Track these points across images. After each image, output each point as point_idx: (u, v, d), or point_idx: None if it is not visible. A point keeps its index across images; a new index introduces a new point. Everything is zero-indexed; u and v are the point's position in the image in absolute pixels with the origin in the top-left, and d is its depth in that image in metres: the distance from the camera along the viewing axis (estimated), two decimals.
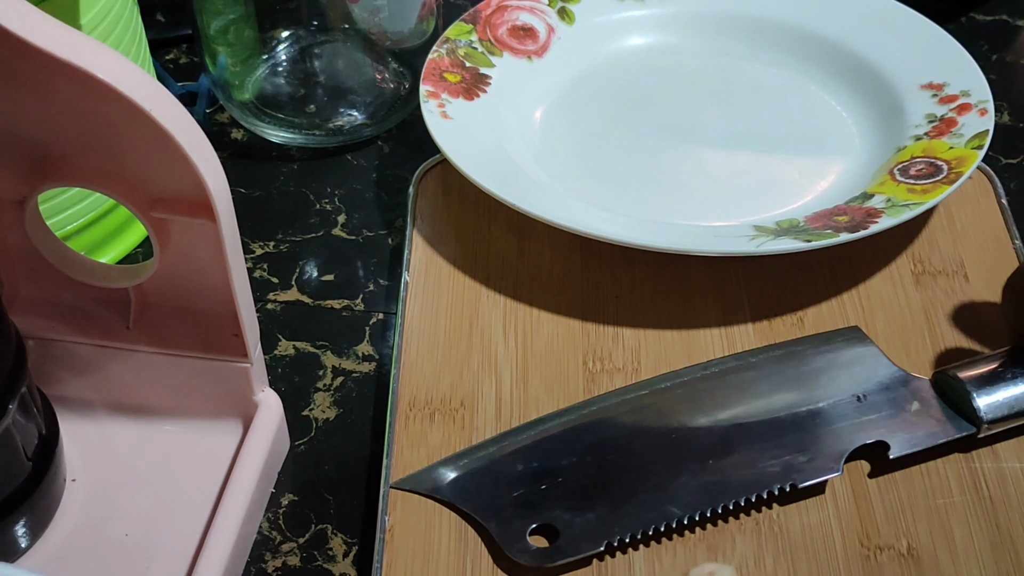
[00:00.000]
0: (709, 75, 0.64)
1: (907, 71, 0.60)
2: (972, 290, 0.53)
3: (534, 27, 0.64)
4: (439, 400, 0.50)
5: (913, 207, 0.52)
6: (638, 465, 0.46)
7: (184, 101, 0.63)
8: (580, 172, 0.59)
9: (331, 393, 0.52)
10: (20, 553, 0.44)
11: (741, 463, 0.46)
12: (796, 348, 0.50)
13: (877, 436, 0.46)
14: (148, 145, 0.39)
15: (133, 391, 0.48)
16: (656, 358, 0.51)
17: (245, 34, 0.63)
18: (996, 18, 0.71)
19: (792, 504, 0.46)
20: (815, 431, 0.46)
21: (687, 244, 0.52)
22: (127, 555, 0.44)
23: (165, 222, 0.43)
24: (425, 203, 0.58)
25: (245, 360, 0.46)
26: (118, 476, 0.47)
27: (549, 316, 0.53)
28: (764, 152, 0.60)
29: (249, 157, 0.63)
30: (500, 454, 0.46)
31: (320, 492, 0.49)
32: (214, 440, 0.48)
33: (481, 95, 0.60)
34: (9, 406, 0.40)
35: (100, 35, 0.51)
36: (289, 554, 0.47)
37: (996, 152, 0.62)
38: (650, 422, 0.47)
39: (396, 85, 0.65)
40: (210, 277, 0.45)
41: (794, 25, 0.64)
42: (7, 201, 0.44)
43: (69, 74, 0.36)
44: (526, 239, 0.56)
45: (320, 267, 0.57)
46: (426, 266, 0.55)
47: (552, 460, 0.46)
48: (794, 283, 0.54)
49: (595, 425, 0.47)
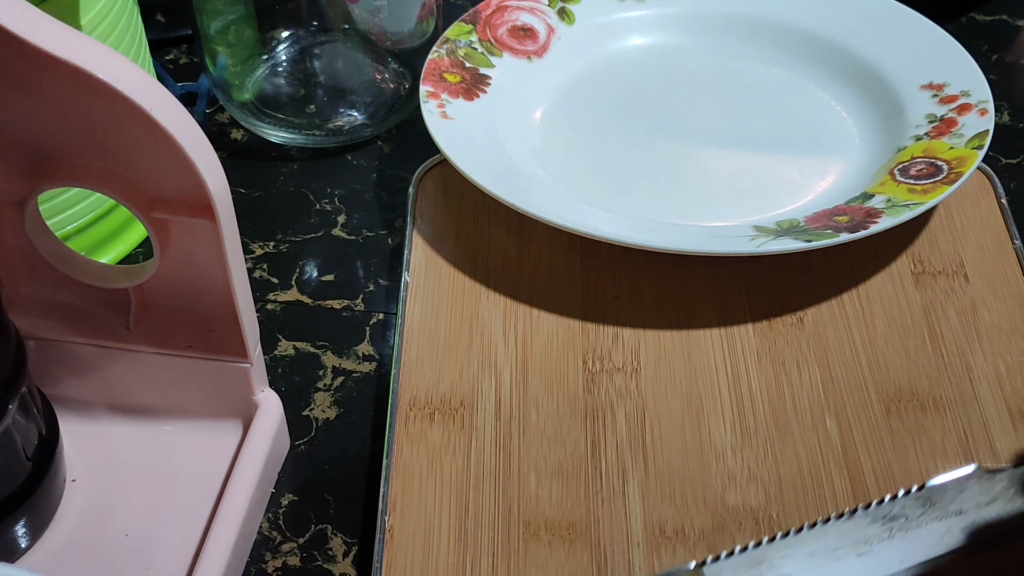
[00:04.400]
0: (709, 75, 0.64)
1: (907, 71, 0.60)
2: (972, 290, 0.53)
3: (534, 27, 0.64)
4: (439, 400, 0.50)
5: (913, 207, 0.52)
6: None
7: (184, 101, 0.63)
8: (580, 172, 0.59)
9: (331, 393, 0.52)
10: (20, 553, 0.44)
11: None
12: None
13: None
14: (148, 145, 0.39)
15: (133, 391, 0.48)
16: (656, 358, 0.51)
17: (245, 34, 0.63)
18: (996, 18, 0.71)
19: (792, 504, 0.46)
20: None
21: (687, 244, 0.52)
22: (127, 555, 0.44)
23: (165, 222, 0.43)
24: (425, 203, 0.58)
25: (245, 360, 0.46)
26: (118, 476, 0.47)
27: (549, 316, 0.53)
28: (764, 152, 0.60)
29: (249, 157, 0.63)
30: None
31: (320, 492, 0.49)
32: (214, 440, 0.48)
33: (481, 95, 0.60)
34: (9, 406, 0.40)
35: (100, 35, 0.51)
36: (289, 554, 0.47)
37: (996, 152, 0.62)
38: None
39: (396, 85, 0.65)
40: (210, 277, 0.45)
41: (794, 25, 0.64)
42: (7, 201, 0.44)
43: (69, 74, 0.36)
44: (526, 239, 0.56)
45: (320, 267, 0.57)
46: (426, 266, 0.55)
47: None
48: (794, 283, 0.54)
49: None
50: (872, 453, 0.47)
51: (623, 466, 0.47)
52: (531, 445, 0.48)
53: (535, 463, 0.47)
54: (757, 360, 0.51)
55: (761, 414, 0.49)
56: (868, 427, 0.48)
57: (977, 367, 0.50)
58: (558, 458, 0.48)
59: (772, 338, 0.52)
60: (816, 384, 0.50)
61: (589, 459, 0.48)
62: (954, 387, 0.50)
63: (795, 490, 0.46)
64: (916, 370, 0.50)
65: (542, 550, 0.45)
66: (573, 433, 0.48)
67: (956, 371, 0.50)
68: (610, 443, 0.48)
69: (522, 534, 0.45)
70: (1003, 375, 0.50)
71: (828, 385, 0.50)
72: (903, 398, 0.49)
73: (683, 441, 0.48)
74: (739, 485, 0.47)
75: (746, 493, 0.46)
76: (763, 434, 0.48)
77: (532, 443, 0.48)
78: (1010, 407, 0.49)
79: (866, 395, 0.50)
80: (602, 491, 0.47)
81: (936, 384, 0.50)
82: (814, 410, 0.49)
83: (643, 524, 0.45)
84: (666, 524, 0.45)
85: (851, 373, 0.50)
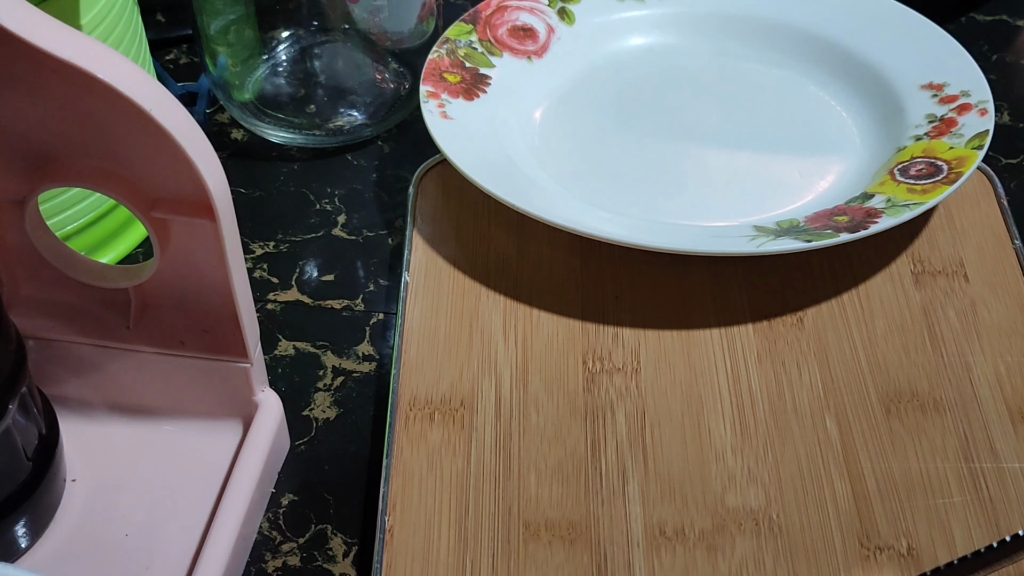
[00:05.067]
0: (709, 75, 0.64)
1: (907, 71, 0.60)
2: (972, 290, 0.53)
3: (534, 27, 0.64)
4: (439, 400, 0.50)
5: (913, 207, 0.52)
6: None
7: (184, 101, 0.63)
8: (580, 172, 0.59)
9: (331, 393, 0.52)
10: (20, 553, 0.44)
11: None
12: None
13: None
14: (148, 145, 0.39)
15: (133, 391, 0.48)
16: (656, 358, 0.51)
17: (245, 34, 0.63)
18: (996, 18, 0.71)
19: (792, 504, 0.46)
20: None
21: (687, 244, 0.52)
22: (127, 555, 0.44)
23: (165, 222, 0.43)
24: (425, 203, 0.58)
25: (245, 360, 0.46)
26: (118, 476, 0.47)
27: (549, 316, 0.53)
28: (764, 152, 0.60)
29: (249, 157, 0.63)
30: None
31: (320, 492, 0.49)
32: (214, 440, 0.48)
33: (481, 95, 0.60)
34: (9, 406, 0.40)
35: (100, 35, 0.51)
36: (289, 554, 0.47)
37: (996, 152, 0.62)
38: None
39: (396, 85, 0.65)
40: (210, 277, 0.45)
41: (794, 25, 0.64)
42: (7, 201, 0.44)
43: (69, 74, 0.36)
44: (526, 239, 0.56)
45: (320, 267, 0.57)
46: (426, 266, 0.55)
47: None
48: (794, 283, 0.54)
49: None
50: (872, 453, 0.47)
51: (623, 466, 0.47)
52: (531, 445, 0.48)
53: (535, 463, 0.47)
54: (757, 360, 0.51)
55: (761, 414, 0.49)
56: (868, 427, 0.48)
57: (977, 367, 0.50)
58: (558, 458, 0.48)
59: (772, 338, 0.52)
60: (816, 384, 0.50)
61: (589, 459, 0.48)
62: (954, 387, 0.50)
63: (795, 490, 0.46)
64: (916, 370, 0.50)
65: (542, 550, 0.45)
66: (573, 433, 0.48)
67: (956, 371, 0.50)
68: (610, 443, 0.48)
69: (522, 534, 0.45)
70: (1003, 375, 0.50)
71: (828, 385, 0.50)
72: (903, 398, 0.49)
73: (683, 441, 0.48)
74: (739, 485, 0.47)
75: (746, 493, 0.46)
76: (763, 434, 0.48)
77: (532, 443, 0.48)
78: (1010, 407, 0.49)
79: (866, 395, 0.50)
80: (602, 491, 0.47)
81: (936, 384, 0.50)
82: (814, 410, 0.49)
83: (643, 524, 0.45)
84: (666, 524, 0.45)
85: (851, 373, 0.50)
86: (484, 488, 0.47)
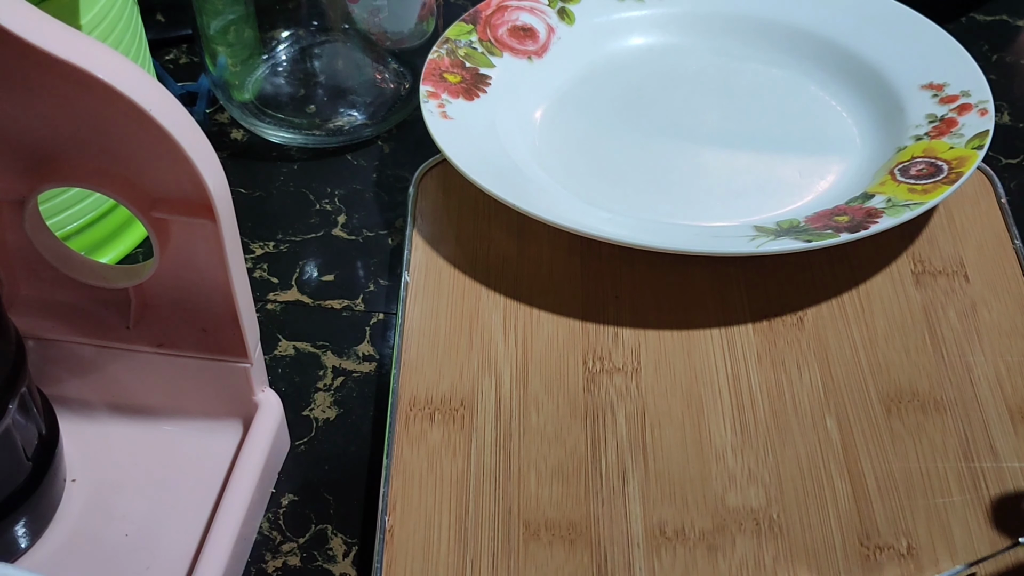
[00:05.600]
0: (709, 75, 0.64)
1: (907, 71, 0.60)
2: (972, 290, 0.53)
3: (534, 27, 0.64)
4: (439, 400, 0.50)
5: (913, 207, 0.52)
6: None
7: (184, 101, 0.63)
8: (580, 172, 0.59)
9: (331, 393, 0.52)
10: (20, 553, 0.44)
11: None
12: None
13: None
14: (148, 145, 0.39)
15: (133, 391, 0.48)
16: (656, 358, 0.51)
17: (245, 34, 0.63)
18: (996, 18, 0.71)
19: (792, 504, 0.46)
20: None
21: (687, 244, 0.52)
22: (127, 555, 0.44)
23: (165, 222, 0.43)
24: (425, 203, 0.58)
25: (245, 360, 0.46)
26: (118, 476, 0.47)
27: (549, 316, 0.53)
28: (764, 152, 0.60)
29: (249, 157, 0.63)
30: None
31: (320, 492, 0.49)
32: (214, 440, 0.48)
33: (481, 95, 0.60)
34: (9, 406, 0.40)
35: (100, 35, 0.51)
36: (289, 554, 0.47)
37: (996, 152, 0.62)
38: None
39: (396, 85, 0.65)
40: (210, 277, 0.45)
41: (794, 25, 0.64)
42: (7, 201, 0.44)
43: (69, 74, 0.36)
44: (526, 239, 0.56)
45: (320, 267, 0.57)
46: (426, 266, 0.55)
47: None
48: (794, 283, 0.54)
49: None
50: (872, 453, 0.47)
51: (623, 466, 0.47)
52: (531, 445, 0.48)
53: (535, 463, 0.47)
54: (757, 360, 0.51)
55: (761, 414, 0.49)
56: (868, 427, 0.48)
57: (977, 367, 0.50)
58: (558, 458, 0.48)
59: (772, 338, 0.52)
60: (816, 384, 0.50)
61: (589, 459, 0.48)
62: (954, 387, 0.50)
63: (795, 490, 0.46)
64: (916, 370, 0.50)
65: (542, 550, 0.45)
66: (573, 433, 0.48)
67: (956, 371, 0.50)
68: (610, 443, 0.48)
69: (522, 534, 0.45)
70: (1003, 375, 0.50)
71: (828, 385, 0.50)
72: (903, 398, 0.49)
73: (683, 441, 0.48)
74: (739, 485, 0.47)
75: (746, 493, 0.46)
76: (763, 434, 0.48)
77: (532, 443, 0.48)
78: (1010, 407, 0.49)
79: (866, 395, 0.50)
80: (602, 491, 0.47)
81: (936, 384, 0.50)
82: (814, 410, 0.49)
83: (643, 524, 0.45)
84: (666, 524, 0.45)
85: (851, 373, 0.50)
86: (484, 488, 0.47)
